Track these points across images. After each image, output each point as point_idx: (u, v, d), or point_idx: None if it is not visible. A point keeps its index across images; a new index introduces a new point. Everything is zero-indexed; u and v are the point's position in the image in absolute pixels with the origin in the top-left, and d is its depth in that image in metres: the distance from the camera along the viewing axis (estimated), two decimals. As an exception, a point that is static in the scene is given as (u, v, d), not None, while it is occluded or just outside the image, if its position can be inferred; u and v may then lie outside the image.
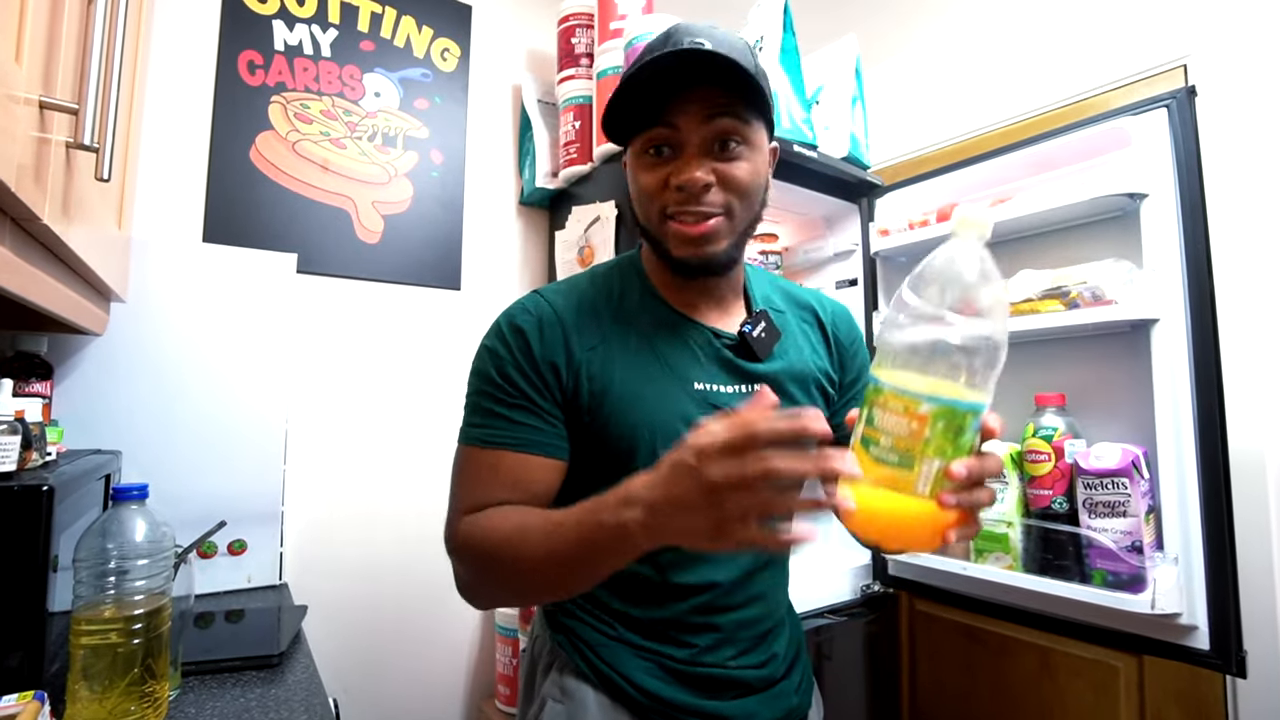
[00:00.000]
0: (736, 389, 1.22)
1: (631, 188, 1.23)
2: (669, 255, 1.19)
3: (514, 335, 1.18)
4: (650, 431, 1.15)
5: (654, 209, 1.17)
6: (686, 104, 1.11)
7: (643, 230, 1.24)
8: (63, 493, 1.29)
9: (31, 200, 0.86)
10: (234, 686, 1.48)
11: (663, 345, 1.22)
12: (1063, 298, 1.97)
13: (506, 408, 1.15)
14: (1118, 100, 2.07)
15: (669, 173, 1.14)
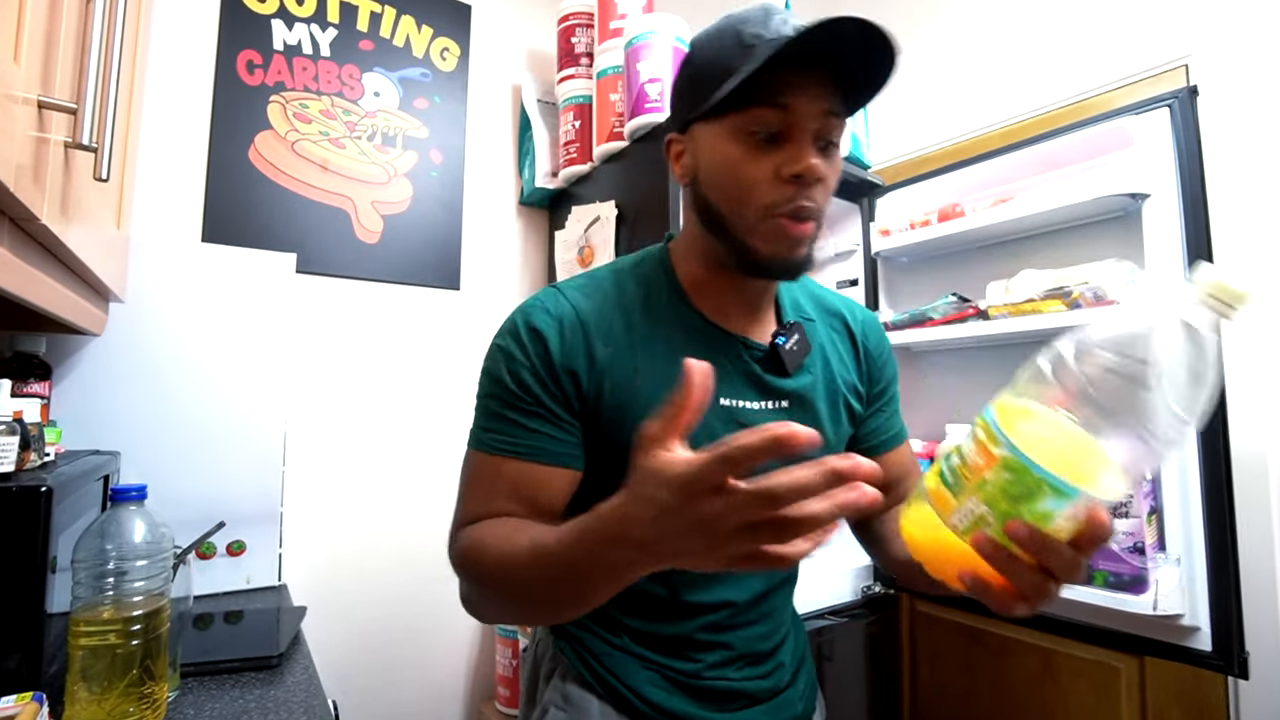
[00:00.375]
0: (764, 405, 1.15)
1: (713, 174, 1.07)
2: (752, 253, 1.06)
3: (531, 337, 1.08)
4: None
5: (756, 202, 1.02)
6: (807, 86, 1.00)
7: (716, 222, 1.09)
8: (61, 494, 1.28)
9: (30, 200, 0.85)
10: (233, 688, 1.47)
11: (690, 352, 1.04)
12: (1065, 298, 1.97)
13: (518, 413, 1.06)
14: (1119, 100, 2.06)
15: (779, 162, 1.00)
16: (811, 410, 1.19)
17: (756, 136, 1.01)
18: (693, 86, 1.08)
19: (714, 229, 1.10)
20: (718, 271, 1.15)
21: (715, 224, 1.09)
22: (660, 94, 2.28)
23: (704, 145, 1.08)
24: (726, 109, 1.03)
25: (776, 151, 1.01)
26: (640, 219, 2.31)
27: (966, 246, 2.39)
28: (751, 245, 1.05)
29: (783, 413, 1.15)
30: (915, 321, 2.37)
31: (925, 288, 2.51)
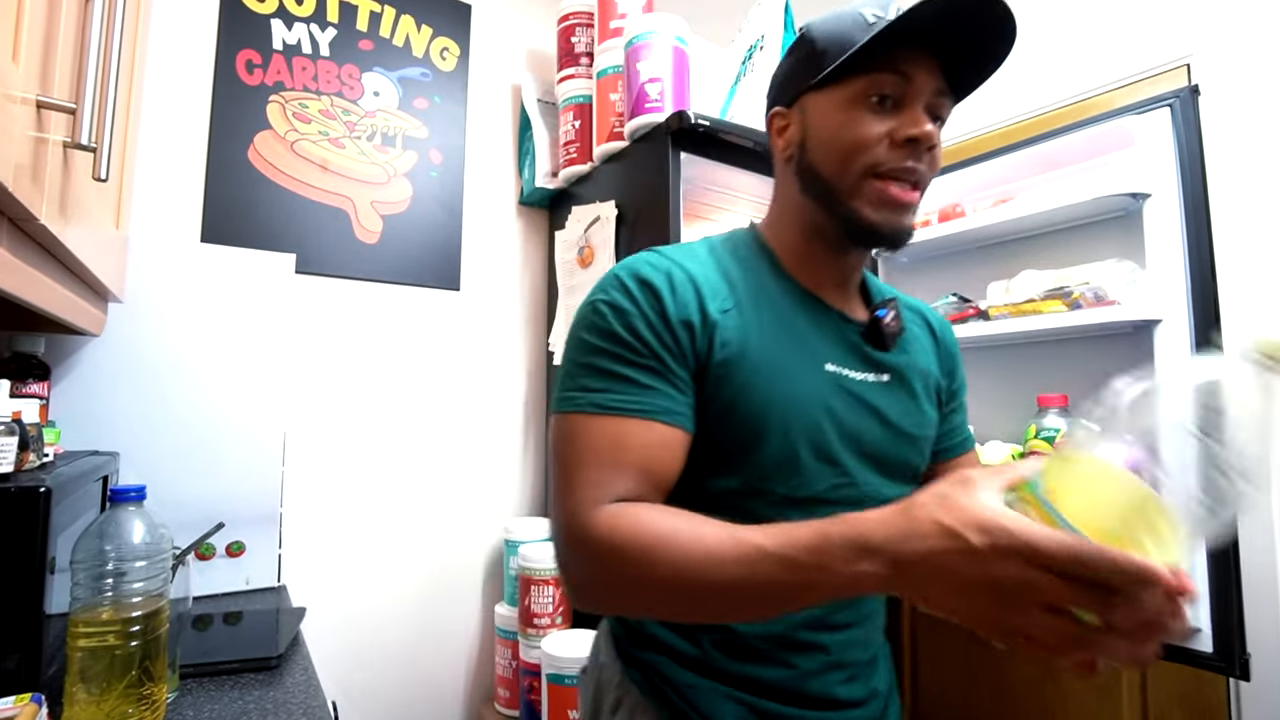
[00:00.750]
0: (866, 376, 1.12)
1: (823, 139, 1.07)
2: (854, 217, 1.05)
3: (642, 289, 1.02)
4: (784, 410, 1.02)
5: (861, 163, 1.03)
6: (922, 62, 1.02)
7: (817, 188, 1.09)
8: (60, 494, 1.28)
9: (29, 200, 0.85)
10: (232, 689, 1.47)
11: (795, 319, 1.11)
12: (1065, 298, 1.96)
13: (636, 369, 0.99)
14: (1120, 99, 2.06)
15: (893, 126, 1.01)
16: (909, 388, 1.19)
17: (873, 102, 1.02)
18: (808, 61, 1.08)
19: (819, 196, 1.09)
20: (815, 243, 1.14)
21: (821, 191, 1.09)
22: (660, 94, 2.28)
23: (816, 113, 1.09)
24: (845, 75, 1.04)
25: (892, 117, 1.02)
26: (640, 219, 2.30)
27: (967, 246, 2.39)
28: (856, 209, 1.05)
29: (884, 386, 1.14)
30: (916, 322, 2.37)
31: (925, 288, 2.49)
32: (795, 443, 1.02)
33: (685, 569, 0.83)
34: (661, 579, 0.85)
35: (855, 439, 1.08)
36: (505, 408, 2.91)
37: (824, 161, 1.07)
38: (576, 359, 1.03)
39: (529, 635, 2.39)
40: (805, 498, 1.03)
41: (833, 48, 1.04)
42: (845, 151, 1.04)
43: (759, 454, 1.01)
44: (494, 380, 2.88)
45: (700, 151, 2.23)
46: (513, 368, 2.95)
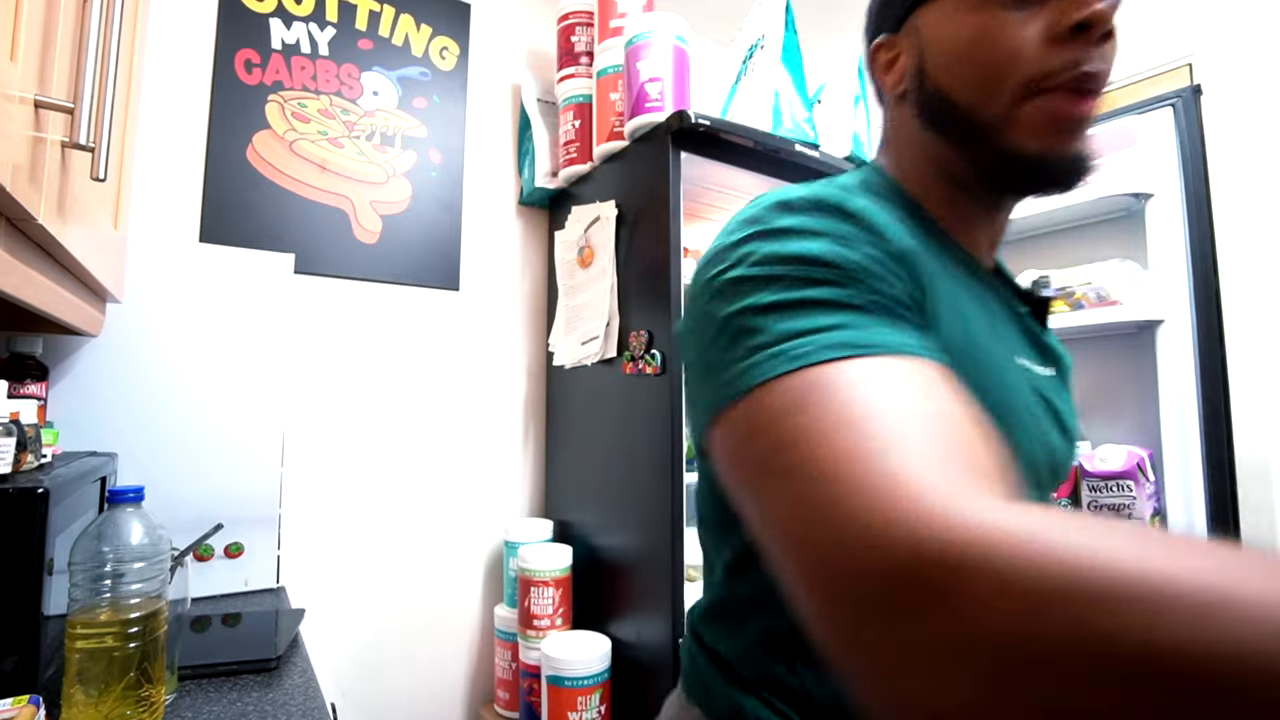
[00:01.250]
0: (1044, 370, 0.88)
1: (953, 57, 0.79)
2: (1013, 154, 0.77)
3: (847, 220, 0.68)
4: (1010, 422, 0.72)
5: (1016, 78, 0.75)
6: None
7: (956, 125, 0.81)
8: (58, 495, 1.28)
9: (26, 200, 0.85)
10: (231, 690, 1.46)
11: (982, 296, 0.83)
12: (1067, 298, 1.96)
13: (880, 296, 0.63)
14: (1123, 99, 2.06)
15: (1050, 18, 0.74)
16: (1069, 380, 0.96)
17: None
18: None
19: (953, 132, 0.82)
20: (962, 196, 0.86)
21: (954, 124, 0.81)
22: (660, 93, 2.27)
23: (934, 30, 0.81)
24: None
25: (1042, 9, 0.75)
26: (640, 219, 2.30)
27: (969, 247, 2.37)
28: (1014, 142, 0.77)
29: (1056, 380, 0.90)
30: (917, 322, 2.36)
31: (927, 288, 2.48)
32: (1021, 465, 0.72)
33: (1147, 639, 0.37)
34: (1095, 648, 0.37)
35: (1051, 454, 0.83)
36: (505, 409, 2.90)
37: (960, 85, 0.79)
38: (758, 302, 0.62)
39: (528, 637, 2.38)
40: None
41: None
42: (988, 66, 0.76)
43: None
44: (493, 381, 2.88)
45: (701, 151, 2.23)
46: (512, 368, 2.94)
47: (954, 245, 0.84)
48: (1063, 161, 0.77)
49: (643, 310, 2.23)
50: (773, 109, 2.39)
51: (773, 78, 2.41)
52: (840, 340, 0.57)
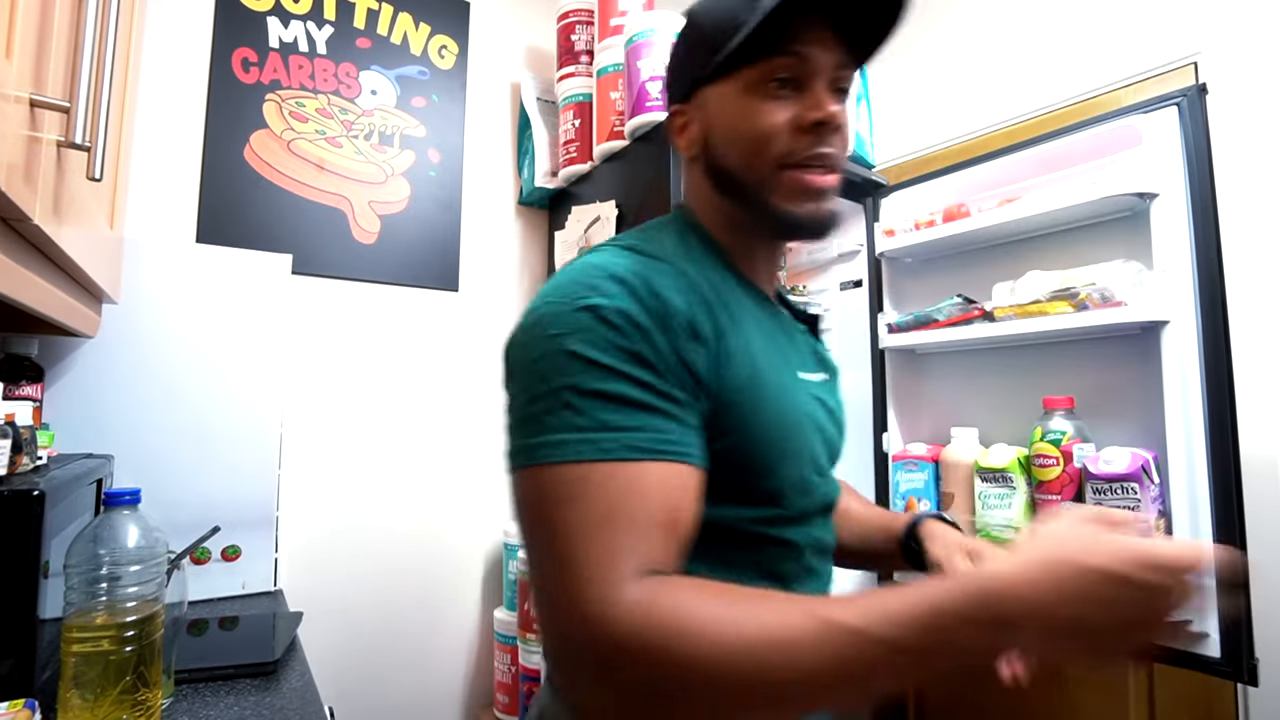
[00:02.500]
0: (818, 377, 1.07)
1: (727, 131, 1.00)
2: (772, 211, 0.99)
3: (651, 294, 0.84)
4: (792, 429, 0.94)
5: (770, 155, 0.96)
6: (818, 36, 0.95)
7: (730, 185, 1.02)
8: (54, 498, 1.28)
9: (22, 200, 0.85)
10: (228, 694, 1.46)
11: (769, 326, 1.02)
12: (1071, 299, 1.95)
13: (661, 397, 0.80)
14: (1127, 98, 2.05)
15: (798, 111, 0.95)
16: (838, 384, 1.19)
17: (772, 87, 0.96)
18: (698, 50, 1.02)
19: (732, 193, 1.02)
20: (746, 237, 1.07)
21: (733, 188, 1.02)
22: (661, 92, 2.26)
23: (715, 107, 1.01)
24: (738, 64, 0.97)
25: (793, 101, 0.96)
26: (641, 219, 2.26)
27: (972, 247, 2.38)
28: (773, 203, 0.98)
29: (829, 385, 1.12)
30: (920, 323, 2.36)
31: (930, 289, 2.49)
32: (804, 462, 0.95)
33: (763, 668, 0.66)
34: (730, 684, 0.67)
35: (832, 445, 1.07)
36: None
37: (732, 156, 1.00)
38: (579, 384, 0.78)
39: (528, 640, 2.38)
40: (807, 514, 0.98)
41: (720, 34, 0.96)
42: (751, 145, 0.97)
43: (775, 478, 0.91)
44: (493, 382, 2.86)
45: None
46: (511, 369, 2.92)
47: (744, 279, 1.05)
48: (810, 219, 0.99)
49: (643, 311, 2.22)
50: (774, 108, 2.38)
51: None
52: (628, 442, 0.76)
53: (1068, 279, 1.98)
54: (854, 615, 0.67)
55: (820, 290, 2.87)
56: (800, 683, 0.67)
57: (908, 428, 2.56)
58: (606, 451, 0.75)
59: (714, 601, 0.70)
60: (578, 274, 0.87)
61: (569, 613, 0.70)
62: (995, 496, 2.07)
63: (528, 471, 0.78)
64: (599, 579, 0.69)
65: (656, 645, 0.66)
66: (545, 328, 0.82)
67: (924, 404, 2.57)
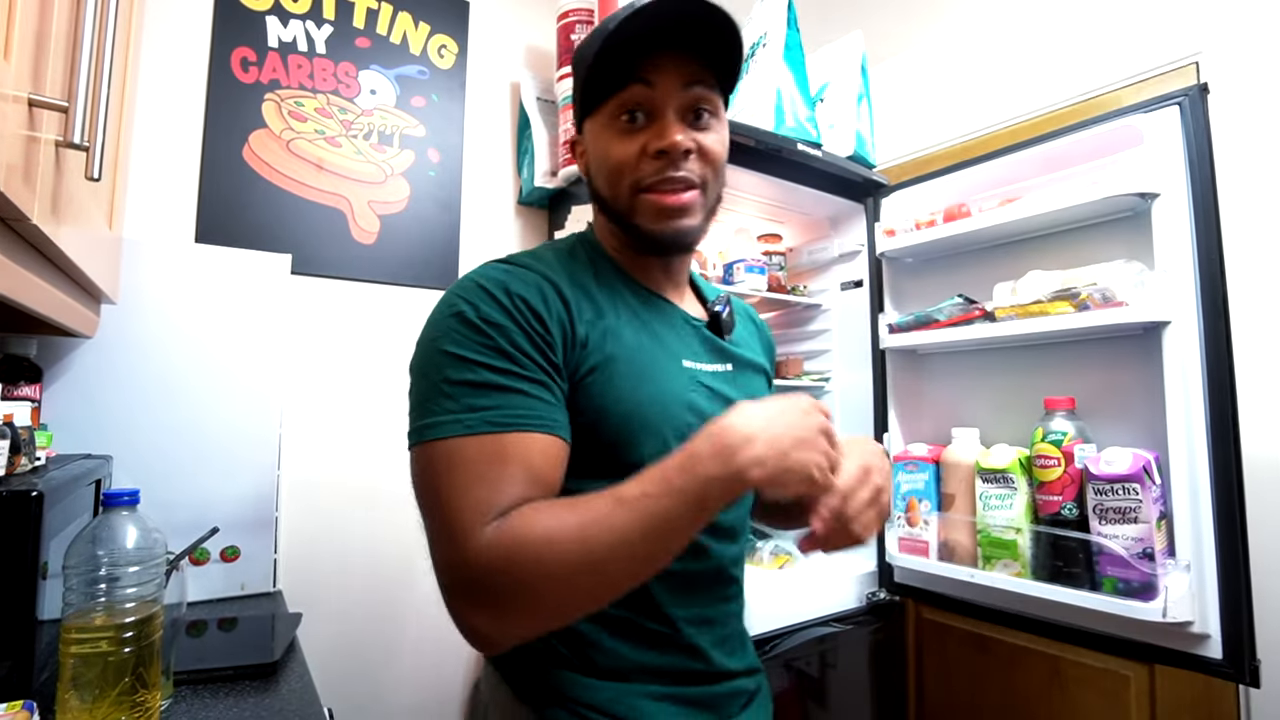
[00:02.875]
0: (716, 367, 1.22)
1: (596, 163, 1.16)
2: (640, 232, 1.13)
3: (507, 296, 1.01)
4: (654, 410, 1.07)
5: (626, 183, 1.11)
6: (662, 64, 1.07)
7: (606, 209, 1.18)
8: (52, 498, 1.28)
9: (20, 200, 0.84)
10: (227, 696, 1.45)
11: (650, 320, 1.16)
12: (1072, 299, 1.95)
13: (517, 379, 0.97)
14: (1128, 98, 2.06)
15: (645, 141, 1.09)
16: (747, 374, 1.29)
17: (624, 119, 1.10)
18: (580, 86, 1.16)
19: (611, 216, 1.18)
20: (632, 249, 1.21)
21: (608, 211, 1.17)
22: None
23: (590, 139, 1.17)
24: (601, 99, 1.11)
25: (645, 131, 1.09)
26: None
27: (973, 247, 2.38)
28: (637, 225, 1.13)
29: (729, 375, 1.24)
30: (921, 323, 2.36)
31: (931, 289, 2.49)
32: (668, 440, 1.04)
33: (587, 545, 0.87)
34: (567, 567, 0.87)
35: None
36: (503, 409, 2.88)
37: (601, 184, 1.16)
38: (439, 378, 0.97)
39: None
40: None
41: (588, 75, 1.10)
42: (611, 175, 1.12)
43: (634, 454, 1.03)
44: (492, 381, 2.85)
45: (702, 150, 2.19)
46: (511, 369, 2.92)
47: (636, 284, 1.20)
48: (669, 234, 1.12)
49: (643, 311, 2.21)
50: (775, 108, 2.38)
51: (775, 76, 2.40)
52: (474, 420, 0.93)
53: (1069, 279, 1.98)
54: (636, 484, 0.89)
55: (821, 290, 2.88)
56: (616, 546, 0.87)
57: (908, 428, 2.57)
58: (470, 427, 0.92)
59: (547, 511, 0.89)
60: (456, 287, 1.04)
61: (447, 554, 0.90)
62: (996, 497, 2.07)
63: (417, 449, 0.96)
64: (467, 524, 0.88)
65: (506, 555, 0.86)
66: (427, 334, 1.02)
67: (925, 404, 2.57)
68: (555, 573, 0.87)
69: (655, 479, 0.88)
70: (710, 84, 1.11)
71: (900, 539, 2.36)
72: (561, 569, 0.87)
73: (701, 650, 1.14)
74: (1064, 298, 1.98)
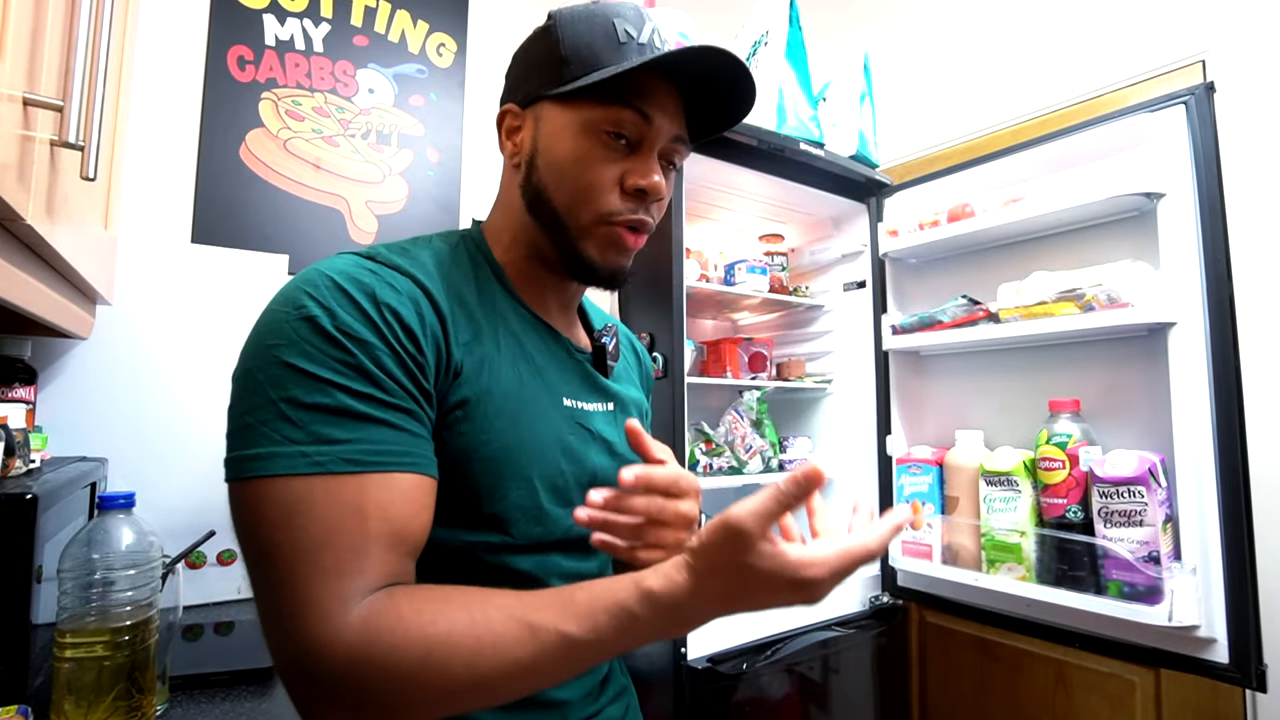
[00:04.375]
0: (597, 407, 1.11)
1: (554, 164, 1.01)
2: (581, 258, 1.03)
3: (374, 305, 0.84)
4: (526, 454, 0.95)
5: (596, 207, 1.00)
6: (665, 102, 1.01)
7: (546, 217, 1.03)
8: (47, 501, 1.28)
9: (14, 199, 0.84)
10: (224, 701, 1.44)
11: (533, 350, 1.04)
12: (1077, 300, 1.94)
13: (380, 406, 0.81)
14: (1134, 97, 2.04)
15: (626, 170, 1.00)
16: (628, 414, 1.19)
17: (610, 136, 0.99)
18: (549, 64, 1.02)
19: (546, 223, 1.04)
20: (540, 266, 1.09)
21: (547, 216, 1.03)
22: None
23: (551, 129, 1.02)
24: (585, 96, 0.99)
25: (625, 159, 1.01)
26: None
27: (977, 247, 2.38)
28: (582, 249, 1.03)
29: (610, 414, 1.14)
30: (924, 324, 2.35)
31: (934, 290, 2.49)
32: (537, 489, 0.96)
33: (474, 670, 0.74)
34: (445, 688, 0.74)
35: (592, 475, 1.05)
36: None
37: (558, 191, 1.02)
38: (294, 395, 0.78)
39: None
40: (543, 543, 0.98)
41: (577, 58, 0.99)
42: (578, 192, 1.00)
43: (501, 503, 0.93)
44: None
45: (703, 150, 2.20)
46: (510, 370, 2.91)
47: (519, 305, 1.07)
48: (610, 271, 1.05)
49: (644, 312, 2.20)
50: (777, 107, 2.37)
51: (777, 75, 2.39)
52: (343, 455, 0.76)
53: (1074, 280, 1.98)
54: (551, 612, 0.76)
55: (823, 291, 2.87)
56: (517, 676, 0.75)
57: (912, 430, 2.56)
58: (320, 465, 0.76)
59: (428, 610, 0.75)
60: (304, 281, 0.85)
61: (293, 641, 0.72)
62: (1000, 500, 2.06)
63: (244, 485, 0.77)
64: (317, 607, 0.72)
65: (373, 662, 0.71)
66: (263, 337, 0.82)
67: (928, 406, 2.57)
68: (434, 689, 0.74)
69: (581, 619, 0.76)
70: (686, 143, 1.07)
71: (903, 542, 2.35)
72: (443, 685, 0.74)
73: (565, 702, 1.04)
74: (1069, 299, 1.97)
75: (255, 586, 0.76)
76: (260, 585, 0.75)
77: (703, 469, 2.50)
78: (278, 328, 0.81)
